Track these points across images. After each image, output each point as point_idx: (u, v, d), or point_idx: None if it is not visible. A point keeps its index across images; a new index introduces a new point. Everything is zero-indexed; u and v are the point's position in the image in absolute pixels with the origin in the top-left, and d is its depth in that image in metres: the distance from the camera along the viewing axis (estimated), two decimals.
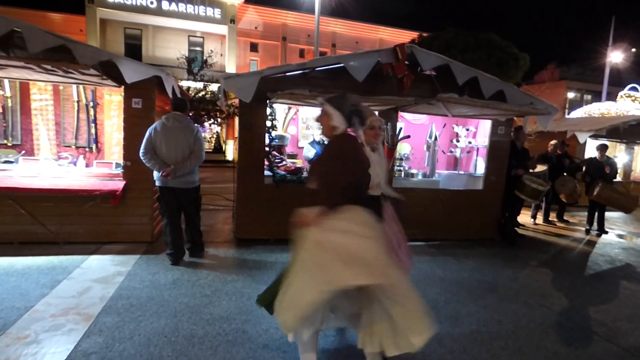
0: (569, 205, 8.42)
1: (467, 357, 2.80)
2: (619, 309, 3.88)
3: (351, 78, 4.98)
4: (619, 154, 11.39)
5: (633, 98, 14.14)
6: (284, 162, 5.69)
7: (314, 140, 6.83)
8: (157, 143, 4.04)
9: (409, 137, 4.87)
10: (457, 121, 7.01)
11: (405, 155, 6.67)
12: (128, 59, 4.18)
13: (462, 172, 7.08)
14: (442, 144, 7.20)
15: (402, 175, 6.43)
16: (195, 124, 4.46)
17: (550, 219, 8.17)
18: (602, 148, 7.41)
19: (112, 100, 5.73)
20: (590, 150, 11.16)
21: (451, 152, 7.40)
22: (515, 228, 6.74)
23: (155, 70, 4.33)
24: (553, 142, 7.96)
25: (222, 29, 22.06)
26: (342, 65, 4.96)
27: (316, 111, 6.92)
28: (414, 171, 6.50)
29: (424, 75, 5.48)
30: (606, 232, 7.39)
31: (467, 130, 6.86)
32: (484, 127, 6.52)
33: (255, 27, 23.60)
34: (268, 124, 5.23)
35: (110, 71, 4.23)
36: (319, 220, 2.13)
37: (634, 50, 18.81)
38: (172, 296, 3.51)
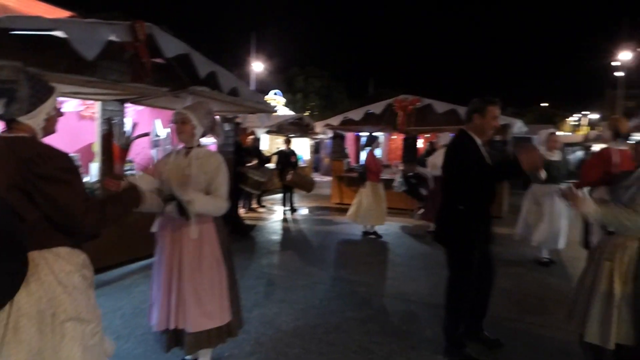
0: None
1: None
2: (419, 282, 4.32)
3: (63, 53, 3.56)
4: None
5: (277, 101, 17.84)
6: None
7: None
8: None
9: (147, 134, 4.13)
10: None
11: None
12: None
13: None
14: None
15: None
16: None
17: (251, 206, 9.19)
18: (288, 141, 9.00)
19: None
20: (265, 143, 13.32)
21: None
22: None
23: None
24: (251, 137, 8.87)
25: None
26: (50, 33, 3.48)
27: None
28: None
29: (154, 63, 4.70)
30: (296, 210, 9.10)
31: None
32: None
33: None
34: None
35: None
36: None
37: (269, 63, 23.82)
38: None
